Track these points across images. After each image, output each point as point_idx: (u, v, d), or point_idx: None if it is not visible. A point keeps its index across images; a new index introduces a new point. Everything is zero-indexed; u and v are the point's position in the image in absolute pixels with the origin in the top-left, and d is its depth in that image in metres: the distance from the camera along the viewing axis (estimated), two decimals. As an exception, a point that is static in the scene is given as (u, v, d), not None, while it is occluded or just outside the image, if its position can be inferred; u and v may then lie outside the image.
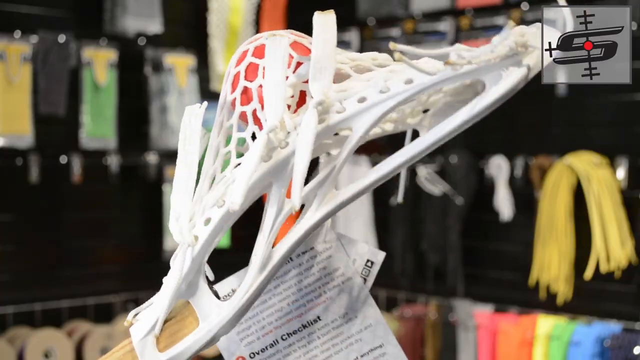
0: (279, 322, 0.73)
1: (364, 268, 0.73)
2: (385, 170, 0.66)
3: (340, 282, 0.72)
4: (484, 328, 2.99)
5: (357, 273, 0.73)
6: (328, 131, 0.67)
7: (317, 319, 0.73)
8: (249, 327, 0.73)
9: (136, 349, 0.69)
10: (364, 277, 0.73)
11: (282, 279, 0.73)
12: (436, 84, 0.66)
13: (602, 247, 2.68)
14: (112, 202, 3.30)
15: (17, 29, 2.87)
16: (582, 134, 2.92)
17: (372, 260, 0.73)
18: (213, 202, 0.69)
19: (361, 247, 0.73)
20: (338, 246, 0.73)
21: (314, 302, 0.73)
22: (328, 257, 0.73)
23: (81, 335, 2.97)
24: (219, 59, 3.42)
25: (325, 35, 0.72)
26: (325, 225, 0.73)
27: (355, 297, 0.72)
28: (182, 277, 0.69)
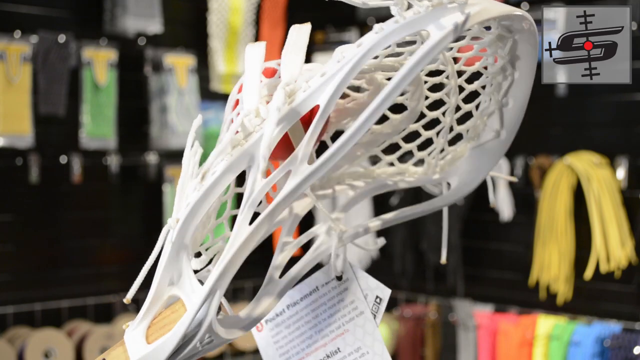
0: (310, 350, 0.77)
1: (374, 304, 0.77)
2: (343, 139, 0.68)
3: (355, 316, 0.77)
4: (484, 328, 2.99)
5: (368, 308, 0.76)
6: (296, 110, 0.70)
7: (337, 350, 0.77)
8: (287, 352, 0.78)
9: (125, 342, 0.71)
10: (373, 313, 0.76)
11: (311, 307, 0.77)
12: (385, 38, 0.68)
13: (602, 247, 2.68)
14: (112, 202, 3.30)
15: (17, 29, 2.87)
16: (582, 134, 2.92)
17: (380, 297, 0.76)
18: (193, 187, 0.72)
19: (371, 281, 0.77)
20: (352, 279, 0.76)
21: (334, 333, 0.77)
22: (345, 290, 0.77)
23: (81, 335, 2.97)
24: (219, 59, 3.42)
25: (299, 28, 0.77)
26: (342, 256, 0.76)
27: (367, 332, 0.77)
28: (164, 263, 0.72)
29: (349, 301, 0.76)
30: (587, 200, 2.74)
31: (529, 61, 0.83)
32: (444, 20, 0.66)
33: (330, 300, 0.78)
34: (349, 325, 0.76)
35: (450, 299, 3.19)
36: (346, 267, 0.76)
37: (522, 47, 0.83)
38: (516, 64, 0.84)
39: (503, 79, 0.86)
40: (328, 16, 3.48)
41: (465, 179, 0.87)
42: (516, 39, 0.82)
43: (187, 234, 0.73)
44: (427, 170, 0.89)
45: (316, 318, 0.77)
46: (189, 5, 3.49)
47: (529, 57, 0.83)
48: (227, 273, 0.69)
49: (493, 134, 0.87)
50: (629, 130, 2.84)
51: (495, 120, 0.87)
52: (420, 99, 0.89)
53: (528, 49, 0.83)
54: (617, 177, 2.76)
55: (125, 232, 3.31)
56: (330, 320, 0.77)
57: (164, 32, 3.23)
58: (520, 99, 0.86)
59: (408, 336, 3.23)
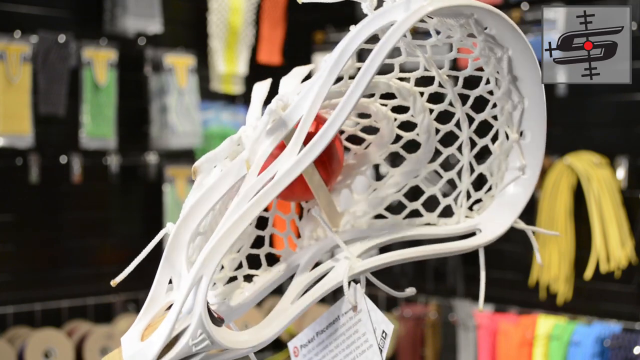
0: None
1: (381, 339, 0.78)
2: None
3: (366, 349, 0.80)
4: (484, 328, 2.99)
5: (376, 342, 0.78)
6: (286, 118, 0.76)
7: None
8: None
9: (122, 343, 0.73)
10: (380, 347, 0.78)
11: (334, 336, 0.80)
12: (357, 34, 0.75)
13: (602, 247, 2.68)
14: (112, 202, 3.30)
15: (17, 29, 2.87)
16: (582, 134, 2.92)
17: (386, 332, 0.78)
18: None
19: (379, 315, 0.79)
20: (365, 310, 0.78)
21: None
22: (359, 321, 0.79)
23: (81, 335, 2.97)
24: (219, 59, 3.42)
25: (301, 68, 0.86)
26: (358, 288, 0.78)
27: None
28: (161, 265, 0.75)
29: (362, 333, 0.78)
30: (587, 200, 2.74)
31: (534, 84, 0.83)
32: (412, 5, 0.73)
33: (348, 330, 0.80)
34: (360, 358, 0.78)
35: (450, 299, 3.19)
36: (360, 298, 0.78)
37: (521, 65, 0.83)
38: (521, 87, 0.84)
39: (512, 108, 0.85)
40: (328, 16, 3.48)
41: (494, 223, 0.88)
42: (511, 56, 0.83)
43: (184, 235, 0.74)
44: (457, 219, 0.89)
45: (337, 347, 0.80)
46: (189, 5, 3.49)
47: (532, 77, 0.83)
48: (213, 258, 0.72)
49: (516, 172, 0.87)
50: (629, 130, 2.84)
51: (516, 157, 0.87)
52: (431, 131, 0.89)
53: (528, 66, 0.83)
54: (617, 177, 2.76)
55: (125, 232, 3.31)
56: (347, 352, 0.80)
57: (164, 32, 3.23)
58: (537, 131, 0.86)
59: (408, 336, 3.23)
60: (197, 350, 0.74)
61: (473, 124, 0.88)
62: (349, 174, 0.94)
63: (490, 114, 0.87)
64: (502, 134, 0.87)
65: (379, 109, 0.91)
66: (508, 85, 0.84)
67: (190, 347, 0.74)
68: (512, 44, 0.82)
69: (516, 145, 0.86)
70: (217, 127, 3.43)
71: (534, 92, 0.84)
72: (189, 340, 0.73)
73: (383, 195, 0.92)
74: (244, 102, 3.60)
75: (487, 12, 0.79)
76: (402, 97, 0.89)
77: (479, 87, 0.86)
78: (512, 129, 0.86)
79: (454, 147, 0.89)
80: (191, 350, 0.74)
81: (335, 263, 0.83)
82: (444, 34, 0.84)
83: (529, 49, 0.83)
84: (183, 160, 3.32)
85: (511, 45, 0.83)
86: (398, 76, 0.88)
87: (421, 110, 0.89)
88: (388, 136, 0.92)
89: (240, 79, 3.50)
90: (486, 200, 0.90)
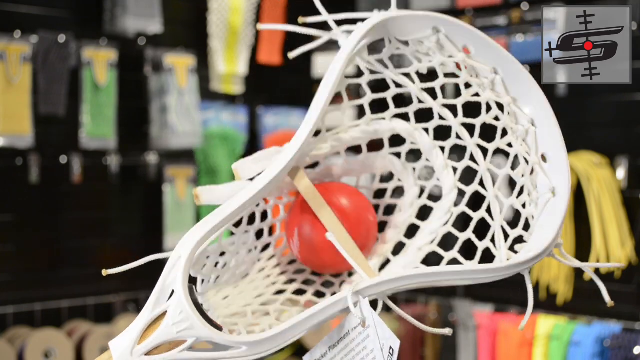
0: None
1: (388, 356, 0.78)
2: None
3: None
4: (484, 328, 2.99)
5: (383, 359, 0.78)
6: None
7: None
8: None
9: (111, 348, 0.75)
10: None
11: (345, 351, 0.80)
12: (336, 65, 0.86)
13: (602, 247, 2.68)
14: (112, 202, 3.29)
15: (17, 29, 2.87)
16: (582, 134, 2.92)
17: (392, 348, 0.78)
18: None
19: (386, 330, 0.79)
20: (373, 326, 0.78)
21: None
22: (368, 337, 0.79)
23: (81, 335, 2.97)
24: (219, 59, 3.41)
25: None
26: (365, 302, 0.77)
27: None
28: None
29: (370, 350, 0.78)
30: (587, 200, 2.74)
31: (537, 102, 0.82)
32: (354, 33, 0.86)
33: (357, 346, 0.80)
34: None
35: (450, 299, 3.19)
36: (367, 313, 0.78)
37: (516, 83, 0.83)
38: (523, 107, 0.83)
39: (525, 133, 0.84)
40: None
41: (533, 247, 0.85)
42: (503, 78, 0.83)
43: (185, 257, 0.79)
44: (500, 262, 0.86)
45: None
46: (189, 5, 3.49)
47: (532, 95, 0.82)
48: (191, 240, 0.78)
49: (548, 195, 0.84)
50: (629, 130, 2.84)
51: (543, 181, 0.85)
52: (449, 170, 0.90)
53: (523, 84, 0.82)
54: (617, 177, 2.75)
55: (125, 232, 3.31)
56: None
57: (164, 32, 3.23)
58: (556, 150, 0.83)
59: (408, 336, 3.23)
60: (180, 333, 0.74)
61: (488, 155, 0.87)
62: (385, 241, 0.96)
63: (503, 142, 0.85)
64: (522, 160, 0.85)
65: (395, 161, 0.93)
66: (510, 108, 0.83)
67: (172, 327, 0.74)
68: (498, 62, 0.82)
69: (539, 167, 0.84)
70: (217, 127, 3.43)
71: (540, 111, 0.83)
72: (169, 320, 0.74)
73: (419, 245, 0.93)
74: (244, 102, 3.60)
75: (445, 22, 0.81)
76: (408, 135, 0.91)
77: (482, 114, 0.85)
78: (531, 153, 0.84)
79: (475, 183, 0.88)
80: (172, 331, 0.74)
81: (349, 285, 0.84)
82: (425, 59, 0.85)
83: (517, 65, 0.82)
84: (183, 160, 3.32)
85: (498, 64, 0.82)
86: (395, 112, 0.90)
87: (431, 147, 0.90)
88: (413, 193, 0.94)
89: (240, 79, 3.50)
90: (527, 237, 0.86)
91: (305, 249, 0.88)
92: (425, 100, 0.88)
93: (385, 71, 0.89)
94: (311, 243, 0.87)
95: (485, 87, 0.84)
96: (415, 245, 0.92)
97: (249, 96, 3.60)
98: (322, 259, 0.88)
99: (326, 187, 0.91)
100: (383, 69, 0.89)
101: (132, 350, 0.73)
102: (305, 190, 0.87)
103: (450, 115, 0.87)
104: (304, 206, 0.89)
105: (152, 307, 0.75)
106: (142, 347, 0.73)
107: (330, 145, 0.93)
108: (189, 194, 3.30)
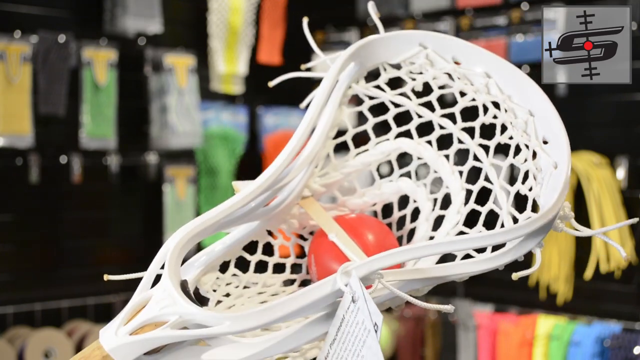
0: None
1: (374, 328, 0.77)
2: None
3: (365, 336, 0.76)
4: (484, 328, 2.99)
5: (372, 327, 0.76)
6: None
7: None
8: None
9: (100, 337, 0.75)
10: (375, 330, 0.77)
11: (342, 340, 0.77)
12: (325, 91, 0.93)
13: (602, 247, 2.68)
14: (112, 202, 3.29)
15: (17, 29, 2.87)
16: (582, 134, 2.92)
17: (377, 324, 0.77)
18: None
19: (372, 306, 0.77)
20: (362, 297, 0.76)
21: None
22: (359, 310, 0.77)
23: (81, 335, 2.97)
24: (219, 59, 3.41)
25: None
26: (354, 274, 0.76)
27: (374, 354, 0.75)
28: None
29: (361, 320, 0.76)
30: (587, 200, 2.74)
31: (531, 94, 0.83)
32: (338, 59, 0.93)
33: (354, 327, 0.77)
34: (364, 350, 0.75)
35: (450, 299, 3.19)
36: (356, 286, 0.76)
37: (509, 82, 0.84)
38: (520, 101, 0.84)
39: (525, 125, 0.86)
40: (328, 16, 3.48)
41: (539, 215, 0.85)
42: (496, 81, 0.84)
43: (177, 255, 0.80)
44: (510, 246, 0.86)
45: (347, 349, 0.77)
46: (189, 5, 3.49)
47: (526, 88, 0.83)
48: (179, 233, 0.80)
49: (551, 170, 0.84)
50: (629, 130, 2.84)
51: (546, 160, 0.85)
52: (455, 174, 0.91)
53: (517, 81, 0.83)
54: (617, 177, 2.75)
55: (125, 232, 3.31)
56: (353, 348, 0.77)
57: (164, 32, 3.23)
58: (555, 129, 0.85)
59: (408, 336, 3.23)
60: (163, 310, 0.74)
61: (490, 151, 0.88)
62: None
63: (505, 136, 0.87)
64: (523, 148, 0.87)
65: (410, 186, 0.94)
66: (505, 105, 0.84)
67: (154, 306, 0.75)
68: (488, 66, 0.83)
69: (540, 150, 0.85)
70: (217, 127, 3.43)
71: (536, 102, 0.84)
72: (153, 300, 0.75)
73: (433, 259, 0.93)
74: (244, 102, 3.60)
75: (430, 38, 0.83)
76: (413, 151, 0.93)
77: (479, 117, 0.87)
78: (532, 140, 0.86)
79: (481, 179, 0.89)
80: (155, 309, 0.74)
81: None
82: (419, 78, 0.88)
83: (506, 64, 0.83)
84: (183, 160, 3.32)
85: (488, 68, 0.83)
86: (398, 131, 0.93)
87: (436, 158, 0.92)
88: (428, 210, 0.95)
89: (240, 79, 3.50)
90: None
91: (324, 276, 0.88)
92: (423, 114, 0.90)
93: (383, 94, 0.92)
94: (329, 269, 0.88)
95: (480, 92, 0.85)
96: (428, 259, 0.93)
97: (249, 96, 3.60)
98: None
99: (344, 219, 0.93)
100: (381, 93, 0.93)
101: (117, 330, 0.74)
102: (316, 214, 0.88)
103: (450, 123, 0.88)
104: (320, 234, 0.91)
105: (139, 292, 0.76)
106: (127, 327, 0.74)
107: (340, 173, 0.96)
108: (189, 194, 3.30)
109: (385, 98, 0.93)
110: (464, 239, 0.80)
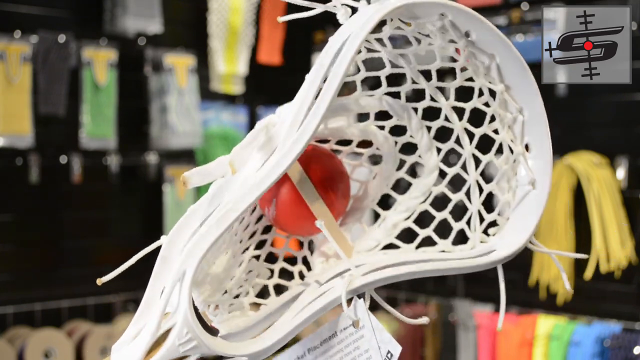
0: None
1: (385, 358, 0.77)
2: None
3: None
4: (484, 328, 2.99)
5: (381, 358, 0.76)
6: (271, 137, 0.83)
7: None
8: None
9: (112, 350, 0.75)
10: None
11: (329, 352, 0.77)
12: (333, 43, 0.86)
13: (602, 247, 2.68)
14: (112, 202, 3.29)
15: (17, 29, 2.87)
16: (582, 134, 2.92)
17: (392, 352, 0.76)
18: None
19: (385, 335, 0.77)
20: (369, 328, 0.76)
21: None
22: (361, 337, 0.76)
23: (81, 335, 2.97)
24: (219, 59, 3.41)
25: None
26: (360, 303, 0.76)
27: None
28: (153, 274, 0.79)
29: (364, 349, 0.76)
30: (587, 200, 2.74)
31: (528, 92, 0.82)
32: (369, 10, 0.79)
33: (347, 347, 0.78)
34: None
35: (450, 299, 3.19)
36: (363, 314, 0.76)
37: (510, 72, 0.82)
38: (515, 97, 0.83)
39: (512, 120, 0.84)
40: (328, 16, 3.48)
41: (507, 242, 0.85)
42: (499, 64, 0.82)
43: (178, 243, 0.76)
44: (473, 244, 0.87)
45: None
46: (189, 5, 3.49)
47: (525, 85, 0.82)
48: (195, 253, 0.73)
49: (527, 187, 0.84)
50: (629, 130, 2.84)
51: (524, 172, 0.85)
52: (432, 151, 0.89)
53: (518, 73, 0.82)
54: (617, 177, 2.75)
55: (125, 232, 3.31)
56: None
57: (164, 32, 3.23)
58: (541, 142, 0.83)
59: (408, 336, 3.23)
60: (185, 352, 0.73)
61: (474, 139, 0.86)
62: (359, 208, 0.94)
63: (490, 127, 0.85)
64: (506, 149, 0.85)
65: (377, 133, 0.91)
66: (502, 96, 0.83)
67: (177, 347, 0.73)
68: (497, 49, 0.81)
69: (522, 159, 0.84)
70: (217, 127, 3.43)
71: (530, 101, 0.82)
72: (175, 340, 0.73)
73: (394, 222, 0.91)
74: (244, 102, 3.60)
75: (458, 11, 0.79)
76: (396, 114, 0.89)
77: (473, 99, 0.85)
78: (516, 142, 0.84)
79: (457, 165, 0.88)
80: (178, 351, 0.73)
81: (340, 280, 0.82)
82: (424, 41, 0.83)
83: (515, 53, 0.81)
84: (183, 160, 3.32)
85: (496, 51, 0.81)
86: (387, 91, 0.88)
87: (418, 127, 0.88)
88: (392, 163, 0.92)
89: (240, 79, 3.50)
90: (501, 222, 0.87)
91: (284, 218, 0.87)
92: (419, 81, 0.87)
93: (383, 50, 0.86)
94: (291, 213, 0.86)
95: (479, 73, 0.83)
96: (390, 221, 0.91)
97: (249, 96, 3.60)
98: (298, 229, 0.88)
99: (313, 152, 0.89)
100: (381, 48, 0.86)
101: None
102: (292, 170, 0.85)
103: (442, 97, 0.86)
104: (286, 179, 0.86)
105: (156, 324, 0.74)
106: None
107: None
108: (189, 194, 3.30)
109: (384, 54, 0.87)
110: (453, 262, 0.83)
